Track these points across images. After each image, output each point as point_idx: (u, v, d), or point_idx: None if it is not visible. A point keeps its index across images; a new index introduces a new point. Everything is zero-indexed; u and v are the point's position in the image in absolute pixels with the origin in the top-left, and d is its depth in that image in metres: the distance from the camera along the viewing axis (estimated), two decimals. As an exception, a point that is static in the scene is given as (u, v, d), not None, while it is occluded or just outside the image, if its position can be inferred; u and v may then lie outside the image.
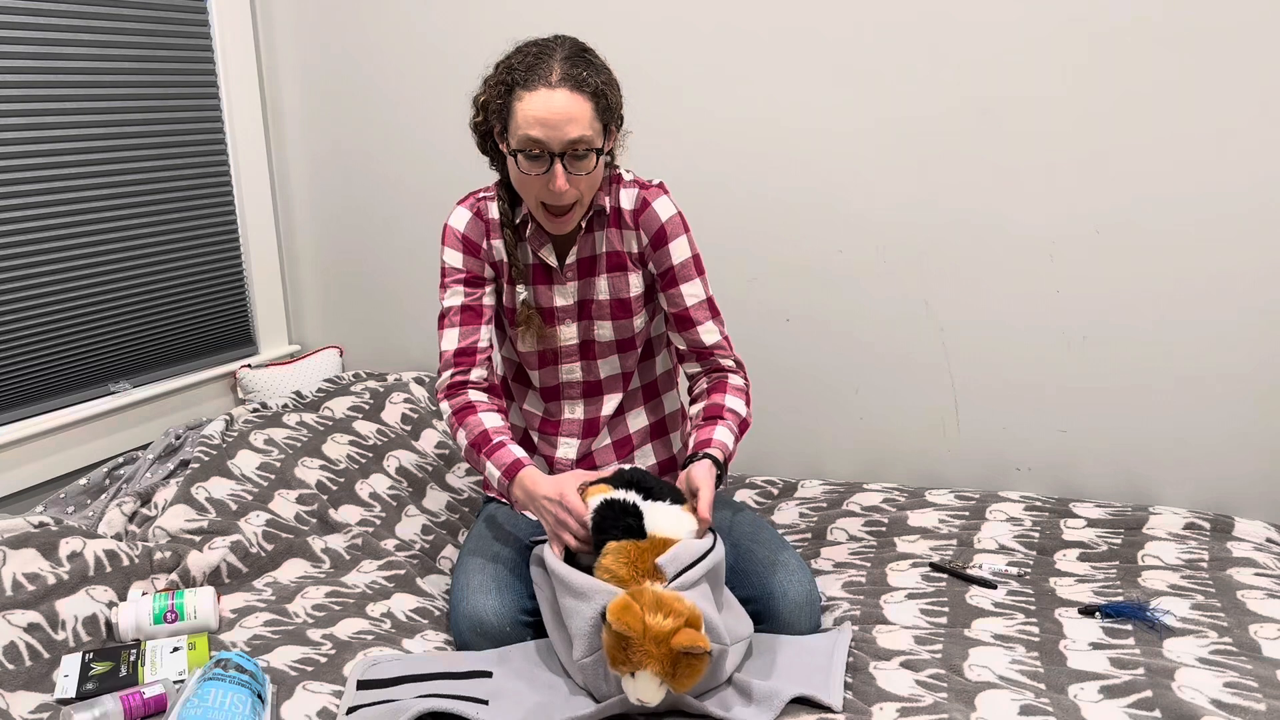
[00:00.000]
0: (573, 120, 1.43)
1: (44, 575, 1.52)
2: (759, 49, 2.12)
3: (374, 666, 1.37)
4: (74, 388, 2.25)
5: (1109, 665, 1.34)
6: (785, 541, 1.59)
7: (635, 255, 1.62)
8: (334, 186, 2.63)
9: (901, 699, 1.28)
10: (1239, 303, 1.91)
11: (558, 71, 1.43)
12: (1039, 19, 1.92)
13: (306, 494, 1.94)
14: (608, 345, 1.67)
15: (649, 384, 1.74)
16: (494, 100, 1.48)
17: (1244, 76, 1.82)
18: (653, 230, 1.59)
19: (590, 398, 1.70)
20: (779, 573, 1.48)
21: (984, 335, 2.10)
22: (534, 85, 1.43)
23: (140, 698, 1.29)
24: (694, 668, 1.20)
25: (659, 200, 1.60)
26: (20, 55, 2.05)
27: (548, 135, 1.43)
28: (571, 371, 1.68)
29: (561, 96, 1.42)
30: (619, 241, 1.62)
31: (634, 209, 1.60)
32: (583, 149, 1.45)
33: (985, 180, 2.02)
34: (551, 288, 1.64)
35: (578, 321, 1.66)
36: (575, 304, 1.65)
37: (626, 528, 1.35)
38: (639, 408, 1.74)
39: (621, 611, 1.18)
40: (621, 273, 1.62)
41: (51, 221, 2.15)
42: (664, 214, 1.59)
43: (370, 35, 2.48)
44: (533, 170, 1.46)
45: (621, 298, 1.63)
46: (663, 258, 1.60)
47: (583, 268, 1.63)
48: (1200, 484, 2.01)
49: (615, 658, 1.20)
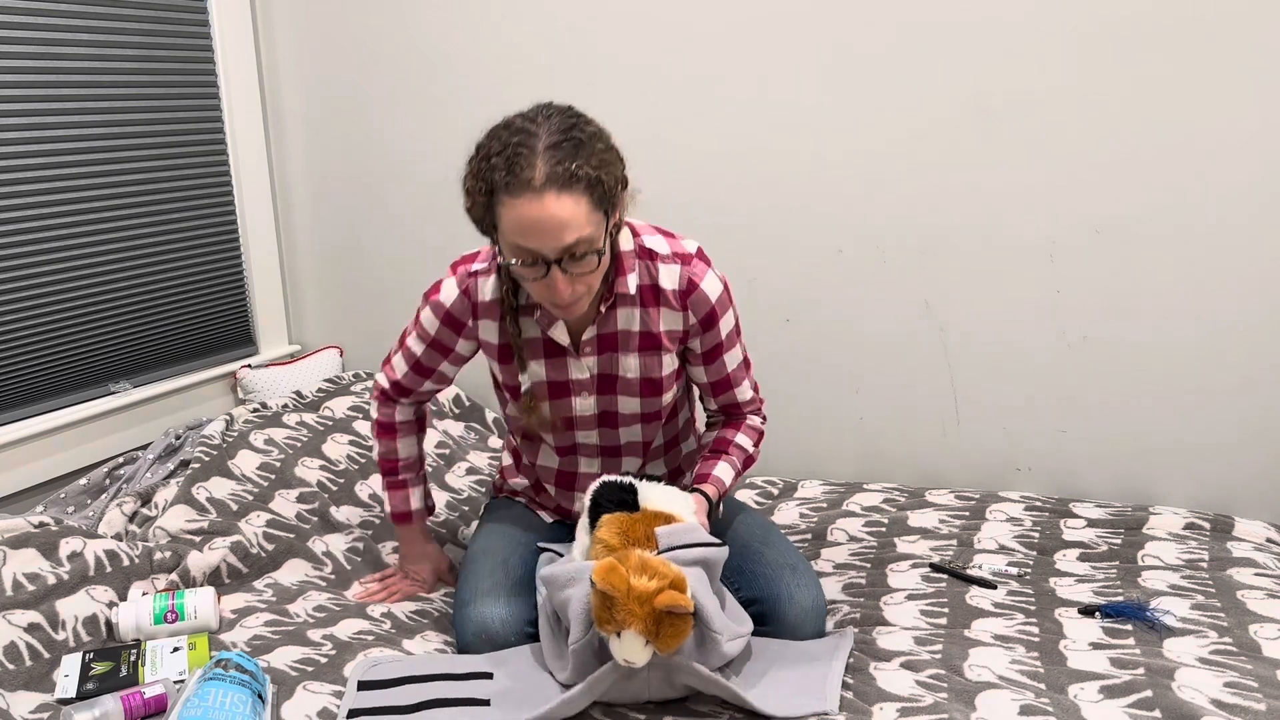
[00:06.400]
0: (565, 225, 1.27)
1: (44, 575, 1.52)
2: (759, 49, 2.12)
3: (375, 668, 1.37)
4: (74, 388, 2.24)
5: (1109, 665, 1.34)
6: (794, 546, 1.57)
7: (678, 334, 1.50)
8: (334, 187, 2.63)
9: (901, 699, 1.28)
10: (1240, 302, 1.91)
11: (541, 170, 1.25)
12: (1040, 19, 1.92)
13: (307, 493, 1.94)
14: (631, 416, 1.56)
15: (670, 439, 1.68)
16: (477, 199, 1.31)
17: (1245, 76, 1.82)
18: (703, 312, 1.48)
19: (609, 458, 1.62)
20: (787, 576, 1.48)
21: (984, 335, 2.10)
22: (517, 191, 1.26)
23: (140, 698, 1.29)
24: (678, 628, 1.22)
25: (707, 280, 1.47)
26: (20, 55, 2.05)
27: (540, 245, 1.28)
28: (589, 436, 1.59)
29: (550, 201, 1.26)
30: (657, 321, 1.48)
31: (680, 289, 1.47)
32: (581, 251, 1.30)
33: (986, 180, 2.02)
34: (565, 361, 1.51)
35: (597, 395, 1.54)
36: (594, 377, 1.52)
37: (620, 502, 1.39)
38: (659, 460, 1.69)
39: (607, 572, 1.20)
40: (655, 352, 1.50)
41: (51, 221, 2.14)
42: (713, 294, 1.47)
43: (370, 35, 2.48)
44: (530, 276, 1.33)
45: (652, 377, 1.52)
46: (711, 337, 1.51)
47: (603, 344, 1.50)
48: (1200, 484, 2.01)
49: (601, 618, 1.23)
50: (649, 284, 1.47)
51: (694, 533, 1.34)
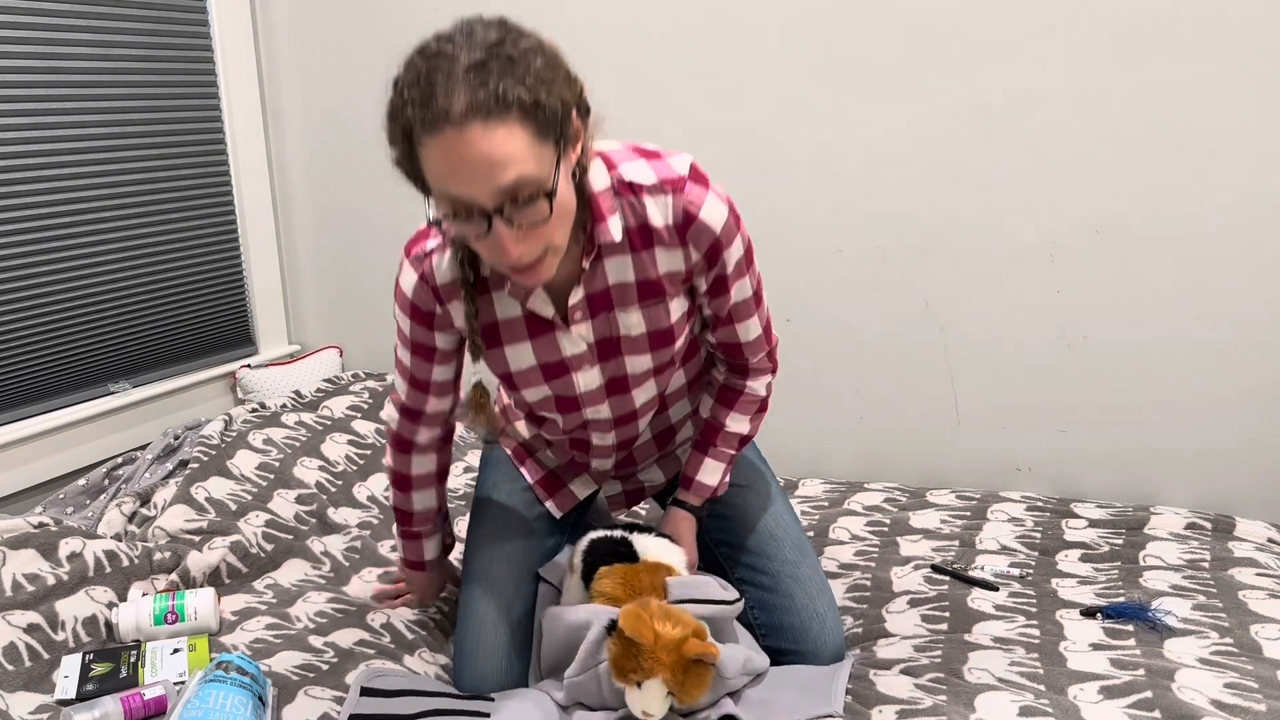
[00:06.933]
0: (497, 163, 1.01)
1: (44, 576, 1.52)
2: (759, 49, 2.12)
3: (378, 677, 1.37)
4: (74, 388, 2.24)
5: (1109, 666, 1.34)
6: (824, 579, 1.46)
7: (680, 273, 1.27)
8: (334, 187, 2.63)
9: (901, 701, 1.28)
10: (1240, 302, 1.91)
11: (461, 99, 0.99)
12: (1040, 18, 1.91)
13: (305, 494, 1.93)
14: (643, 374, 1.35)
15: (694, 377, 1.48)
16: (397, 145, 1.06)
17: (1246, 75, 1.82)
18: (706, 245, 1.25)
19: (624, 425, 1.42)
20: (814, 625, 1.41)
21: (984, 335, 2.10)
22: (434, 127, 1.01)
23: (140, 699, 1.29)
24: (702, 677, 1.19)
25: (707, 206, 1.22)
26: (21, 55, 2.05)
27: (470, 190, 1.03)
28: (598, 411, 1.38)
29: (476, 135, 1.00)
30: (654, 265, 1.25)
31: (675, 223, 1.23)
32: (525, 194, 1.04)
33: (986, 180, 2.02)
34: (554, 337, 1.29)
35: (600, 364, 1.33)
36: (592, 347, 1.31)
37: (618, 554, 1.34)
38: (681, 400, 1.49)
39: (634, 619, 1.16)
40: (658, 300, 1.28)
41: (51, 221, 2.14)
42: (716, 222, 1.23)
43: (370, 35, 2.48)
44: (471, 234, 1.09)
45: (660, 328, 1.30)
46: (719, 269, 1.28)
47: (595, 305, 1.27)
48: (1201, 484, 2.01)
49: (624, 667, 1.18)
50: (637, 225, 1.22)
51: (705, 587, 1.31)
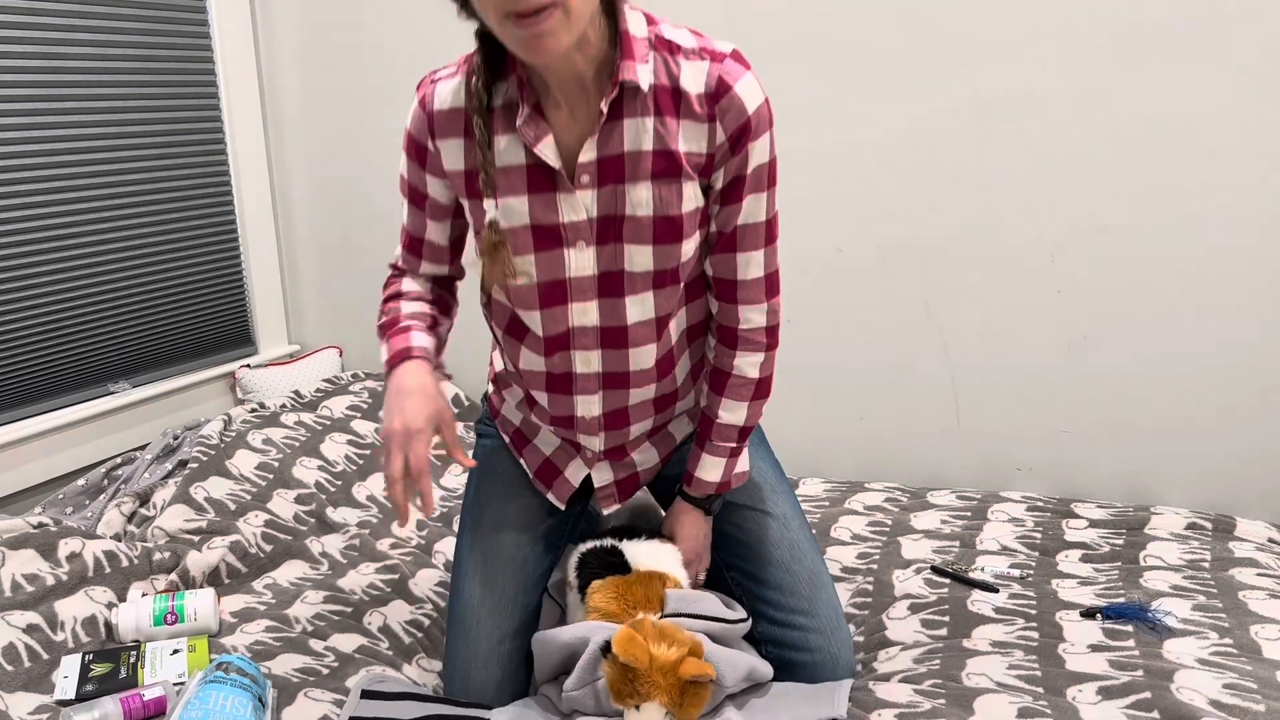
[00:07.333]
0: None
1: (43, 576, 1.52)
2: (758, 49, 2.12)
3: (380, 682, 1.37)
4: (74, 388, 2.24)
5: (1108, 667, 1.34)
6: (839, 610, 1.38)
7: (701, 157, 1.16)
8: (333, 187, 2.63)
9: (900, 705, 1.28)
10: (1240, 302, 1.91)
11: None
12: (1040, 18, 1.91)
13: (305, 494, 1.94)
14: (642, 277, 1.20)
15: (695, 325, 1.31)
16: None
17: (1247, 76, 1.82)
18: (735, 125, 1.14)
19: (612, 349, 1.25)
20: (828, 666, 1.36)
21: (984, 335, 2.09)
22: None
23: (140, 700, 1.29)
24: (700, 696, 1.19)
25: (743, 82, 1.13)
26: (21, 55, 2.05)
27: None
28: (586, 313, 1.23)
29: None
30: (675, 136, 1.14)
31: (707, 92, 1.13)
32: None
33: (986, 180, 2.02)
34: (555, 197, 1.17)
35: (596, 245, 1.19)
36: (592, 220, 1.18)
37: (610, 566, 1.32)
38: (682, 357, 1.32)
39: (627, 643, 1.15)
40: (673, 180, 1.15)
41: (51, 221, 2.14)
42: (751, 101, 1.14)
43: (370, 35, 2.48)
44: None
45: (669, 214, 1.16)
46: (739, 163, 1.16)
47: (607, 170, 1.15)
48: (1202, 484, 2.01)
49: (621, 691, 1.18)
50: (667, 85, 1.14)
51: (704, 602, 1.29)
